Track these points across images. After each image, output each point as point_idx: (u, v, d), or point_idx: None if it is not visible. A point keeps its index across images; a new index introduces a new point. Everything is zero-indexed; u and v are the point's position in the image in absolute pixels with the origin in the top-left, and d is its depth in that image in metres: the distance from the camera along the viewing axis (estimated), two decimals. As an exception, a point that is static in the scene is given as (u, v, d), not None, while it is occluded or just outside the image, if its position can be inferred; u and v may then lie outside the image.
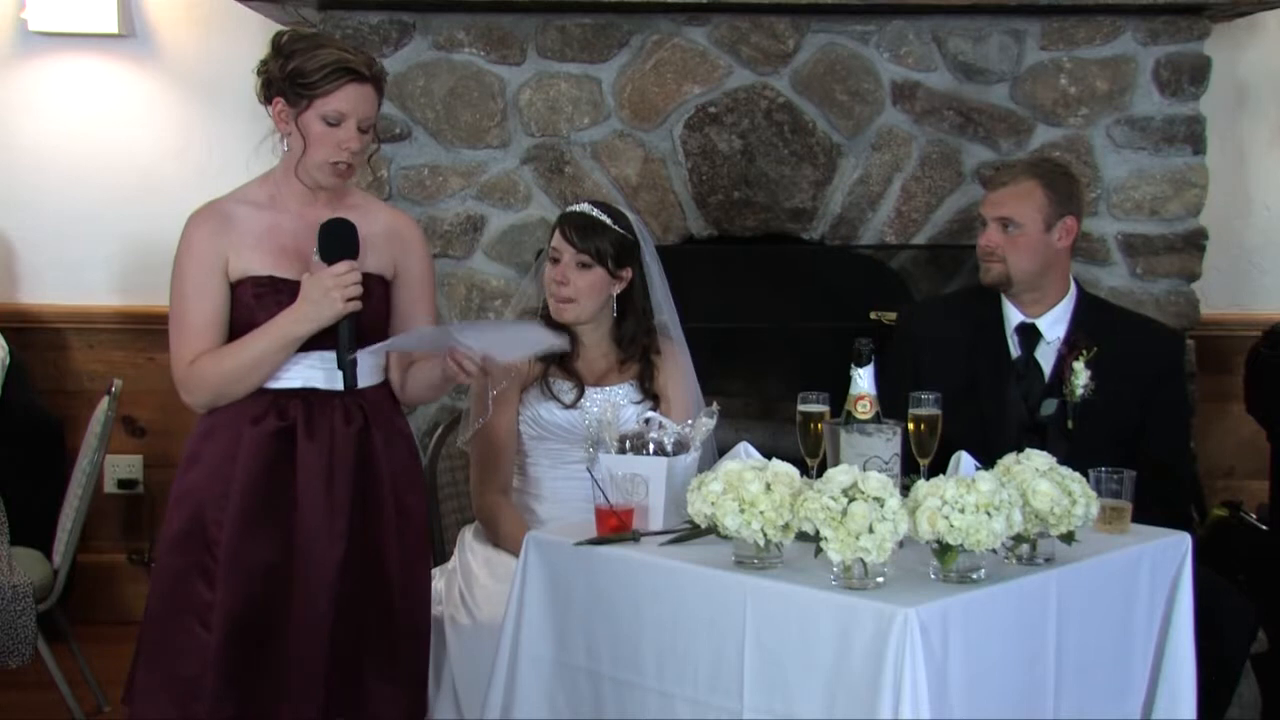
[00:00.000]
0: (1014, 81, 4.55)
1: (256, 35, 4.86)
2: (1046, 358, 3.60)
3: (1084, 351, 3.51)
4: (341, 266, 2.85)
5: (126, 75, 5.06)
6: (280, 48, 2.89)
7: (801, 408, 3.00)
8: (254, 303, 2.91)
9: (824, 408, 2.98)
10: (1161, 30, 4.50)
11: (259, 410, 2.92)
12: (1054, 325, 3.61)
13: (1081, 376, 3.50)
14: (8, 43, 5.03)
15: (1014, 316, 3.62)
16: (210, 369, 2.91)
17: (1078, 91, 4.53)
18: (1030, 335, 3.61)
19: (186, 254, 2.95)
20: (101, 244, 5.10)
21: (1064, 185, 3.62)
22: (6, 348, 4.64)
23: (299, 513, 2.92)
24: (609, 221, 3.43)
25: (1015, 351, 3.62)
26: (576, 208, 3.50)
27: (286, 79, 2.86)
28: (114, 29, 4.96)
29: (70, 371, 5.12)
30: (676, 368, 3.53)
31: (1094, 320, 3.63)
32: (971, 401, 3.48)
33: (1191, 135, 4.55)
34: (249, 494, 2.90)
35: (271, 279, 2.92)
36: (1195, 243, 4.57)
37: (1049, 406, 3.56)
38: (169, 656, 2.91)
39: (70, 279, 5.10)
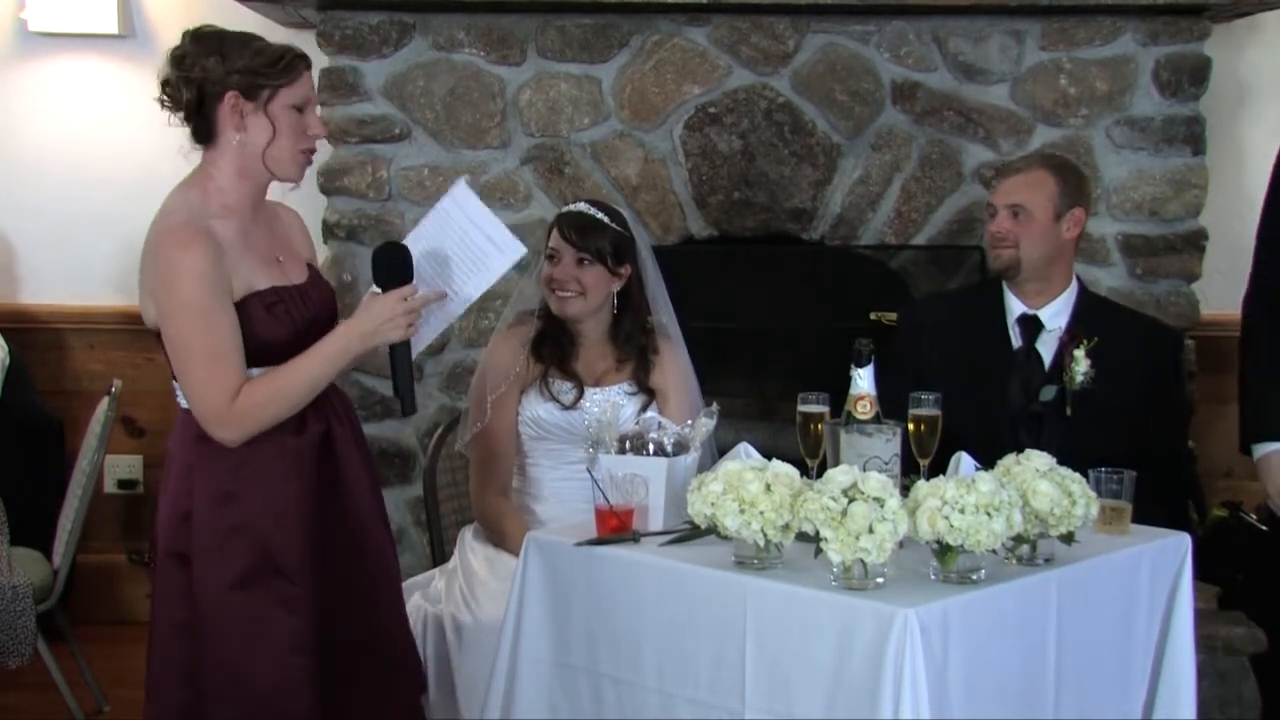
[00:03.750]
0: (1014, 82, 4.55)
1: None
2: (1047, 348, 3.63)
3: (1084, 341, 3.55)
4: (406, 290, 2.83)
5: (126, 75, 5.05)
6: (213, 47, 2.77)
7: (801, 408, 3.00)
8: (267, 316, 2.79)
9: (824, 408, 2.98)
10: (1161, 31, 4.50)
11: (292, 421, 2.83)
12: (1055, 316, 3.63)
13: (1082, 364, 3.53)
14: (7, 43, 5.04)
15: (1016, 307, 3.65)
16: (262, 400, 2.75)
17: (1078, 92, 4.53)
18: (1032, 326, 3.64)
19: (193, 282, 2.70)
20: (101, 244, 5.09)
21: (1074, 178, 3.67)
22: (6, 348, 4.64)
23: (353, 514, 2.91)
24: (606, 220, 3.44)
25: (1017, 341, 3.65)
26: (573, 207, 3.50)
27: (240, 73, 2.75)
28: (114, 29, 4.97)
29: (70, 372, 5.12)
30: (675, 367, 3.54)
31: (1095, 314, 3.66)
32: (973, 390, 3.50)
33: (1191, 136, 4.55)
34: (312, 506, 2.84)
35: (274, 289, 2.83)
36: (1195, 243, 4.58)
37: (1048, 393, 3.59)
38: (267, 696, 2.80)
39: (70, 280, 5.11)
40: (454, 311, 3.06)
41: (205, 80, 2.75)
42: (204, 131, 2.81)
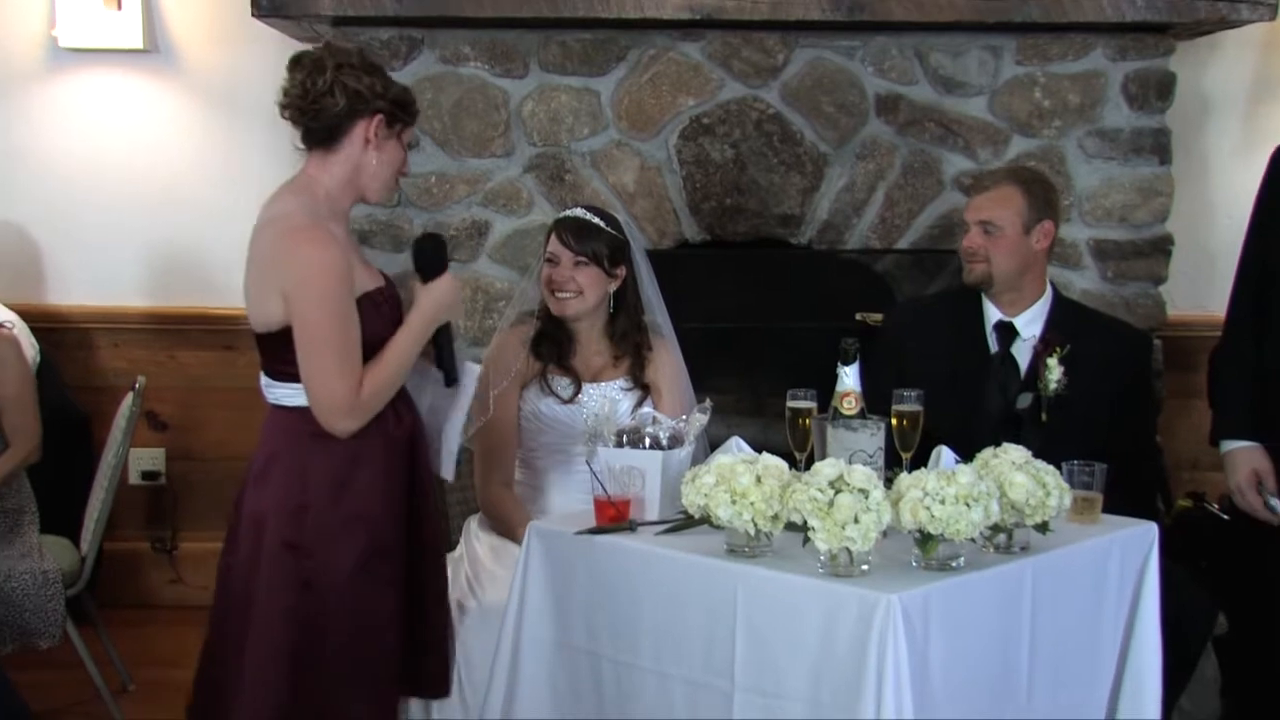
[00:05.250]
0: (991, 95, 4.55)
1: (272, 51, 4.86)
2: (1022, 354, 3.62)
3: (1057, 349, 3.54)
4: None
5: (151, 89, 5.05)
6: (374, 70, 2.82)
7: (790, 404, 3.00)
8: (375, 315, 2.83)
9: (812, 404, 2.98)
10: (1129, 47, 4.50)
11: (390, 413, 2.85)
12: (1030, 324, 3.62)
13: (1055, 372, 3.52)
14: (39, 59, 5.02)
15: (993, 315, 3.64)
16: (379, 388, 2.78)
17: (1051, 104, 4.53)
18: (1007, 333, 3.63)
19: (333, 279, 2.72)
20: (127, 248, 5.09)
21: (1041, 192, 3.64)
22: (37, 346, 4.64)
23: (425, 502, 2.94)
24: (602, 224, 3.44)
25: (993, 348, 3.64)
26: (571, 213, 3.50)
27: (393, 101, 2.81)
28: (139, 45, 4.96)
29: (97, 369, 5.11)
30: (668, 363, 3.54)
31: (1067, 320, 3.65)
32: (952, 394, 3.48)
33: (1158, 146, 4.55)
34: (408, 493, 2.88)
35: (379, 290, 2.89)
36: (1162, 248, 4.58)
37: (1024, 400, 3.58)
38: (368, 672, 2.83)
39: (97, 281, 5.09)
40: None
41: (360, 95, 2.78)
42: (327, 137, 2.82)
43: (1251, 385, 3.12)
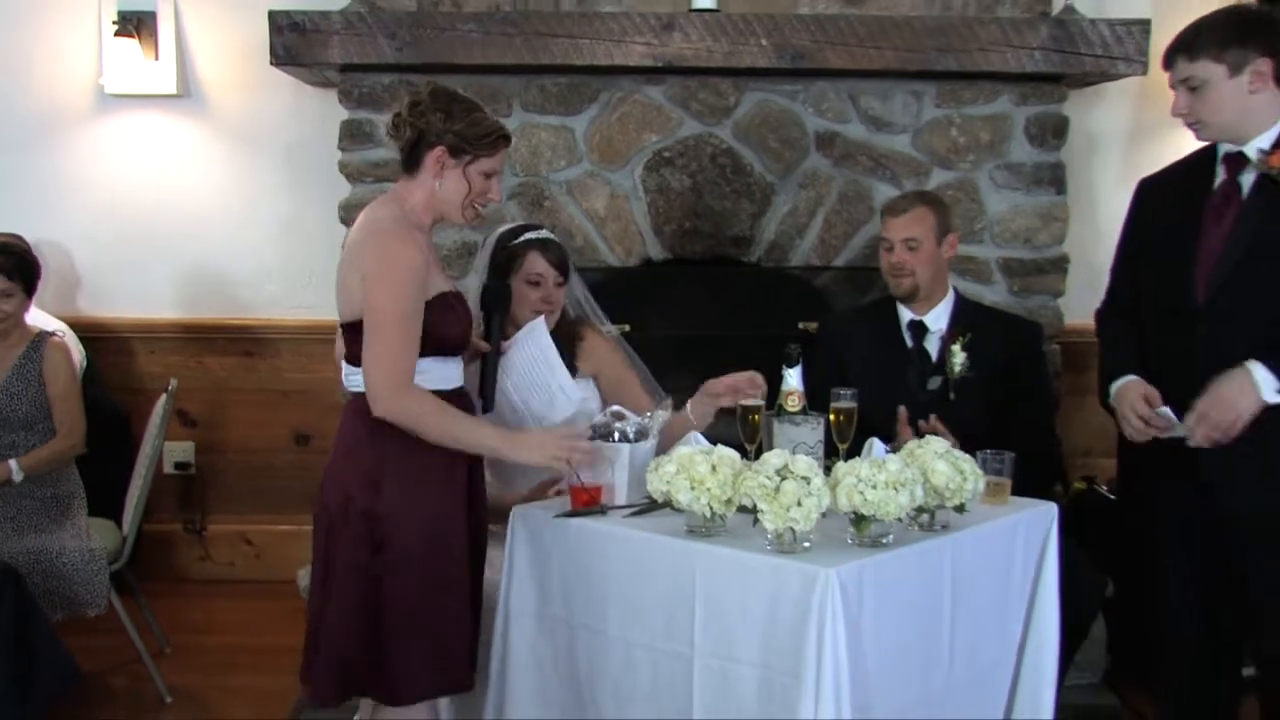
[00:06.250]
0: (914, 133, 4.54)
1: (288, 94, 4.88)
2: (933, 346, 3.68)
3: (960, 338, 3.61)
4: (567, 430, 2.86)
5: (183, 128, 5.02)
6: (441, 105, 2.76)
7: (742, 402, 2.98)
8: (449, 314, 2.78)
9: (760, 402, 2.96)
10: (1030, 94, 4.50)
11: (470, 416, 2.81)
12: (937, 320, 3.70)
13: (959, 357, 3.59)
14: (88, 103, 5.00)
15: (906, 315, 3.71)
16: (425, 412, 2.70)
17: (966, 141, 4.53)
18: (919, 329, 3.70)
19: (406, 273, 2.67)
20: (161, 268, 5.06)
21: (944, 209, 3.76)
22: (84, 352, 4.61)
23: (480, 500, 2.90)
24: (559, 240, 3.36)
25: (909, 343, 3.70)
26: (550, 236, 3.34)
27: (455, 134, 2.75)
28: (174, 90, 4.95)
29: (135, 373, 5.07)
30: (600, 346, 3.37)
31: (968, 315, 3.72)
32: (879, 383, 3.50)
33: (1055, 179, 4.55)
34: (467, 484, 2.84)
35: (454, 293, 2.85)
36: (1059, 266, 4.58)
37: (934, 382, 3.63)
38: (439, 633, 2.77)
39: (135, 296, 5.06)
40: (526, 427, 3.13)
41: (426, 129, 2.76)
42: (409, 164, 2.81)
43: (1134, 339, 3.11)
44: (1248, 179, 2.92)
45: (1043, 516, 2.90)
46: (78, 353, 4.50)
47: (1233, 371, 2.82)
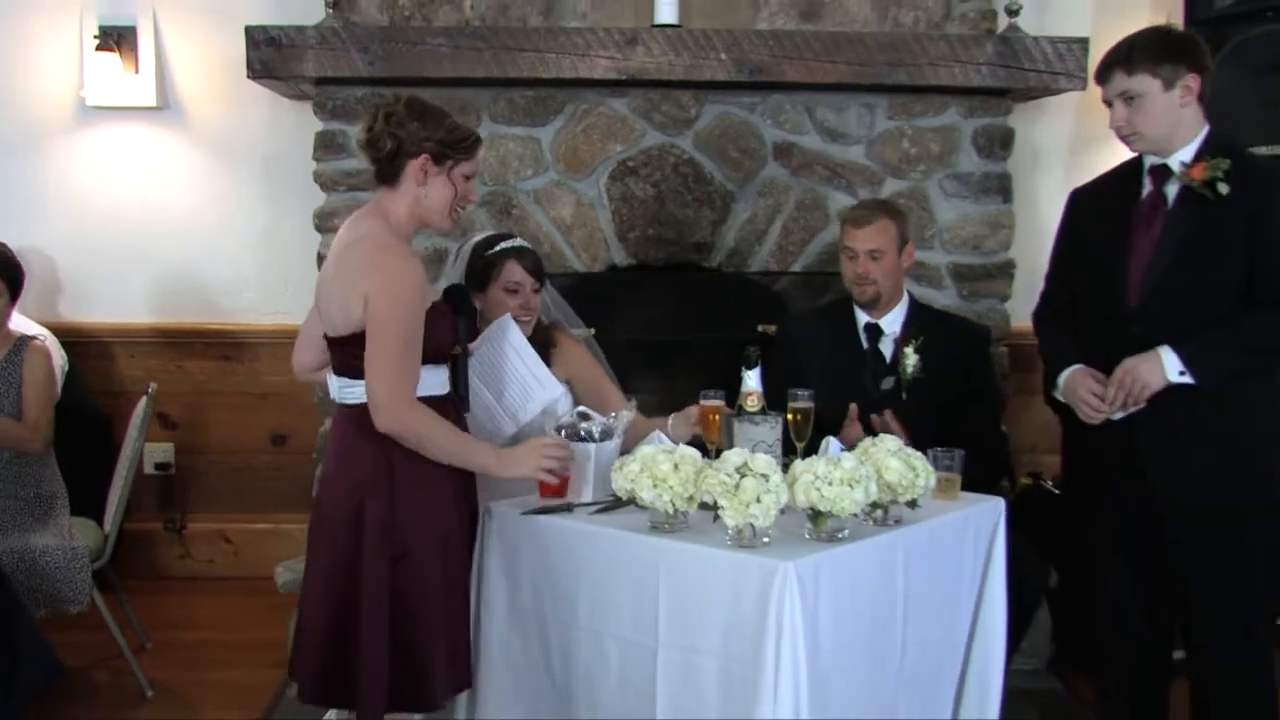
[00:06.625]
0: (868, 144, 4.55)
1: (264, 106, 4.84)
2: (887, 348, 3.68)
3: (913, 340, 3.61)
4: (548, 440, 2.79)
5: (162, 139, 4.97)
6: (417, 114, 2.70)
7: (703, 403, 2.98)
8: (441, 325, 2.74)
9: (721, 402, 2.96)
10: (977, 107, 4.53)
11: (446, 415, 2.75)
12: (892, 323, 3.69)
13: (911, 359, 3.60)
14: (70, 115, 4.94)
15: (863, 319, 3.71)
16: (427, 430, 2.64)
17: (917, 152, 4.54)
18: (875, 332, 3.70)
19: (412, 289, 2.62)
20: (142, 274, 5.01)
21: (903, 219, 3.76)
22: (66, 357, 4.56)
23: (470, 488, 2.85)
24: (532, 248, 3.34)
25: (865, 344, 3.70)
26: (525, 244, 3.31)
27: (437, 142, 2.70)
28: (153, 103, 4.90)
29: (116, 376, 5.02)
30: (573, 351, 3.35)
31: (921, 318, 3.73)
32: (836, 384, 3.51)
33: (1001, 188, 4.58)
34: (468, 484, 2.81)
35: (441, 303, 2.82)
36: (1006, 271, 4.60)
37: (888, 382, 3.63)
38: (449, 611, 2.73)
39: (115, 302, 5.01)
40: (506, 431, 3.10)
41: (406, 139, 2.69)
42: (389, 176, 2.74)
43: (1072, 335, 3.16)
44: (1172, 190, 2.99)
45: (991, 511, 2.92)
46: (59, 357, 4.45)
47: (1146, 353, 2.92)
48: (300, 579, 4.00)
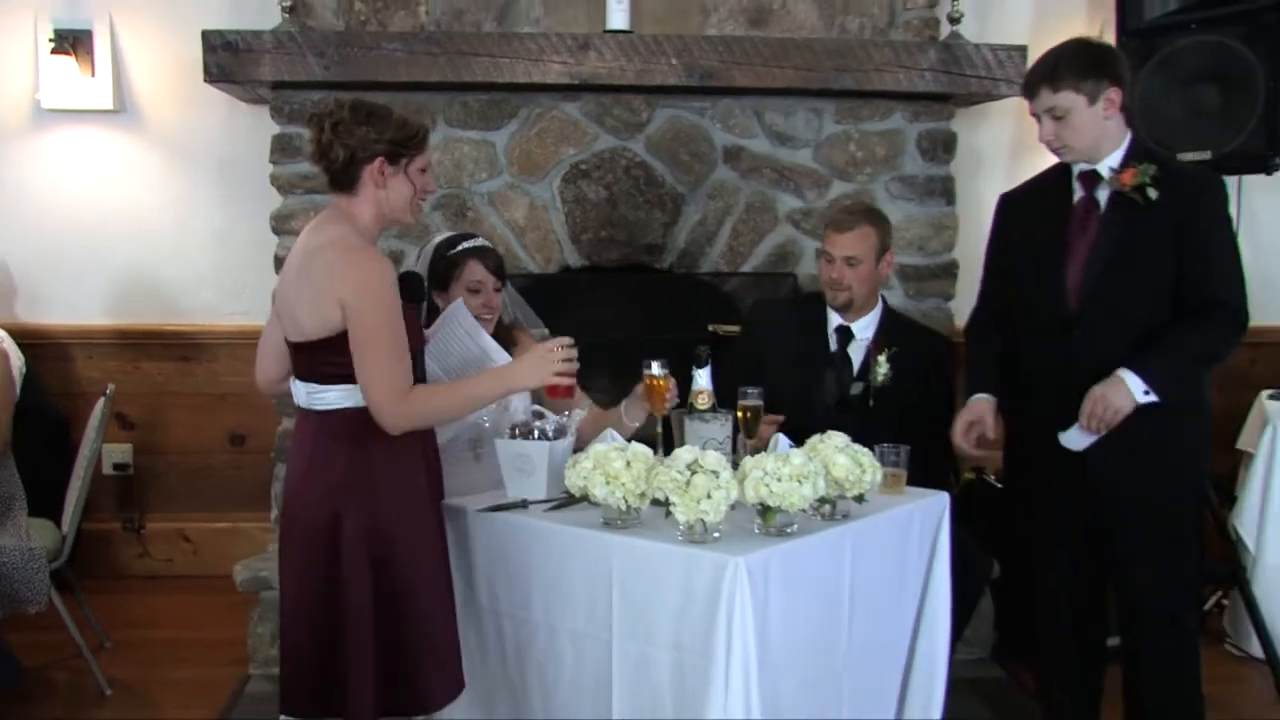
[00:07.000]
0: (816, 147, 4.57)
1: (221, 110, 4.80)
2: (856, 353, 3.67)
3: (887, 349, 3.60)
4: (552, 343, 2.76)
5: (119, 142, 4.92)
6: (363, 118, 2.63)
7: (645, 374, 2.96)
8: (414, 327, 2.70)
9: (663, 371, 2.94)
10: (921, 112, 4.56)
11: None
12: (865, 329, 3.68)
13: (883, 368, 3.59)
14: (25, 118, 4.88)
15: (834, 320, 3.69)
16: (437, 404, 2.63)
17: (863, 155, 4.57)
18: (845, 335, 3.68)
19: (389, 289, 2.56)
20: (98, 275, 4.95)
21: (887, 226, 3.71)
22: (23, 358, 4.48)
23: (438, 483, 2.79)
24: (494, 248, 3.32)
25: (834, 347, 3.68)
26: (487, 244, 3.28)
27: (390, 142, 2.64)
28: (110, 106, 4.84)
29: (74, 377, 4.96)
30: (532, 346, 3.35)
31: (893, 327, 3.72)
32: (798, 381, 3.53)
33: (945, 190, 4.61)
34: (437, 483, 2.77)
35: (411, 305, 2.75)
36: (950, 271, 4.64)
37: (857, 389, 3.62)
38: (433, 614, 2.67)
39: (73, 303, 4.95)
40: (469, 419, 3.05)
41: (358, 145, 2.62)
42: (346, 183, 2.66)
43: (992, 355, 3.23)
44: (1104, 194, 3.04)
45: (936, 505, 2.94)
46: (17, 359, 4.37)
47: (1108, 379, 2.93)
48: (259, 576, 4.02)
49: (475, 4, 4.47)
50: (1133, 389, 2.91)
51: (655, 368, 2.92)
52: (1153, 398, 2.92)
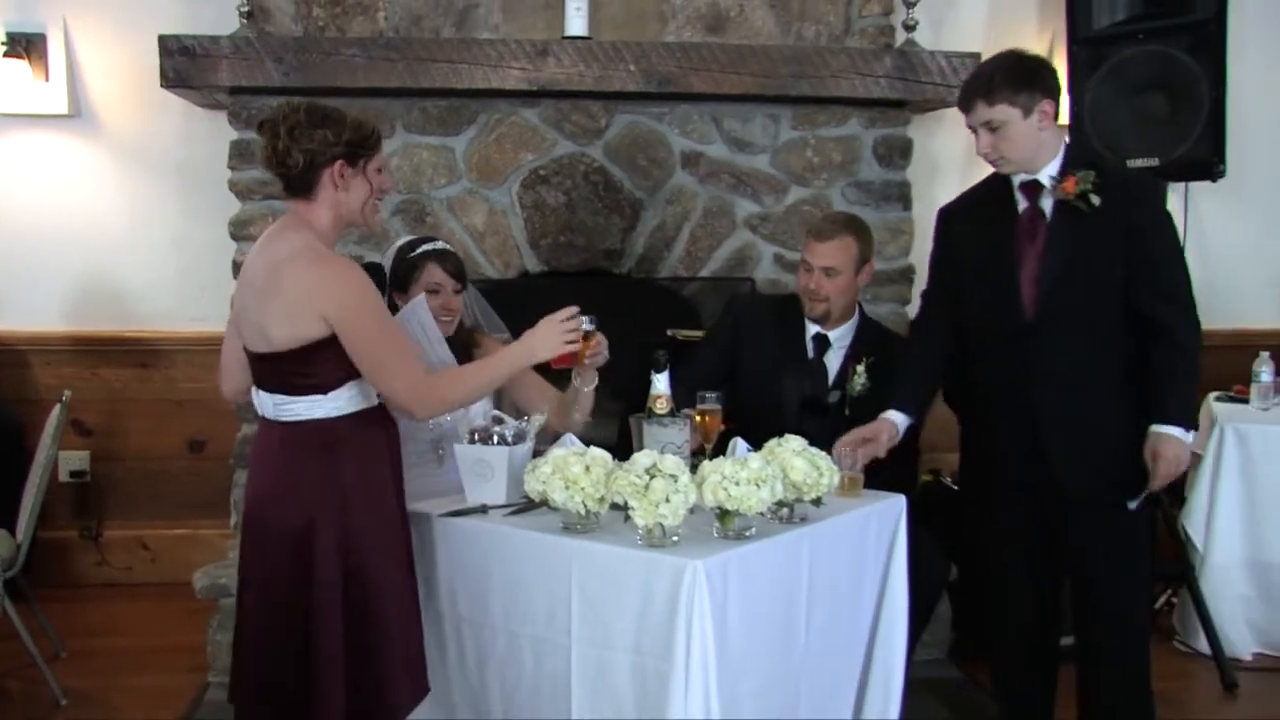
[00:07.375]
0: (773, 152, 4.58)
1: (178, 115, 4.75)
2: (832, 361, 3.66)
3: (865, 358, 3.59)
4: (561, 314, 2.80)
5: (75, 147, 4.86)
6: (319, 122, 2.58)
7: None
8: None
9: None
10: (878, 118, 4.58)
11: (387, 420, 2.68)
12: (842, 337, 3.68)
13: (861, 377, 3.58)
14: (-23, 122, 4.81)
15: (812, 328, 3.68)
16: (463, 388, 2.66)
17: (820, 161, 4.58)
18: (822, 343, 3.67)
19: (374, 295, 2.55)
20: (55, 281, 4.89)
21: (868, 236, 3.69)
22: (-24, 365, 4.43)
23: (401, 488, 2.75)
24: (455, 251, 3.30)
25: (810, 353, 3.67)
26: (447, 247, 3.25)
27: (347, 144, 2.59)
28: (65, 110, 4.79)
29: (29, 384, 4.88)
30: (494, 348, 3.26)
31: (870, 336, 3.72)
32: (770, 383, 3.52)
33: (901, 196, 4.63)
34: (401, 486, 2.72)
35: None
36: (906, 276, 4.66)
37: (834, 396, 3.62)
38: (414, 650, 2.66)
39: (29, 309, 4.88)
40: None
41: (317, 149, 2.57)
42: (304, 188, 2.61)
43: (917, 374, 3.26)
44: (1048, 203, 3.06)
45: (893, 508, 2.95)
46: (-29, 365, 4.32)
47: (1156, 439, 2.97)
48: (218, 583, 3.97)
49: (434, 10, 4.45)
50: (1180, 437, 2.96)
51: (586, 323, 2.87)
52: (1193, 433, 3.01)
